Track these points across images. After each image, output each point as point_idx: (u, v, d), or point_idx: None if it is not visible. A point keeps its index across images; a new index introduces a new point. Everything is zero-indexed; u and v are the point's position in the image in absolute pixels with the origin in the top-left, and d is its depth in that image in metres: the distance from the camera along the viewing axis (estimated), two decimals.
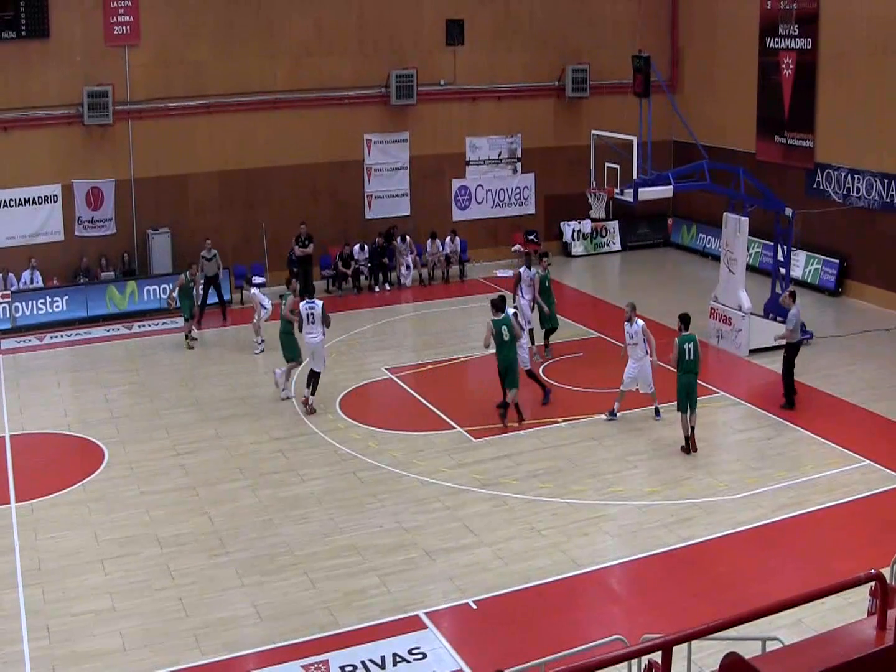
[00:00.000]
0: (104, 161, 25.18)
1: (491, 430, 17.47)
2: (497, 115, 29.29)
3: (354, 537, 13.92)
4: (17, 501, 15.14)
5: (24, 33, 23.87)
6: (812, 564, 12.89)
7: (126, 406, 19.07)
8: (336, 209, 27.68)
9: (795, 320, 18.11)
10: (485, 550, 13.49)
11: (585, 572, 12.95)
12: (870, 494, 14.89)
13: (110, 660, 11.24)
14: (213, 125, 26.13)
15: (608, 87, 29.31)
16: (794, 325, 18.09)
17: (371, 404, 19.34)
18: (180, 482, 15.76)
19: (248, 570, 13.08)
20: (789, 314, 18.21)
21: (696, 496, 14.95)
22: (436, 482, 15.55)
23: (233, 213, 26.53)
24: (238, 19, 26.04)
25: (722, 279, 21.82)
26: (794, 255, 23.94)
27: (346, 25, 27.18)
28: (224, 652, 11.39)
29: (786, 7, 26.23)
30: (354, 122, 27.57)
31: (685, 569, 13.05)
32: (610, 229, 30.51)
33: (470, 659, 11.12)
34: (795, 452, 16.46)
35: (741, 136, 28.00)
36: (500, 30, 28.92)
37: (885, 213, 24.06)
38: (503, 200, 29.84)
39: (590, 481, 15.49)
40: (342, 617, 12.01)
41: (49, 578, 12.93)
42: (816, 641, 6.14)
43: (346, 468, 16.13)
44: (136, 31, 25.04)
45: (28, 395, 19.73)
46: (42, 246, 24.73)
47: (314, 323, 18.49)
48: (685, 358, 16.27)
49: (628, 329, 17.81)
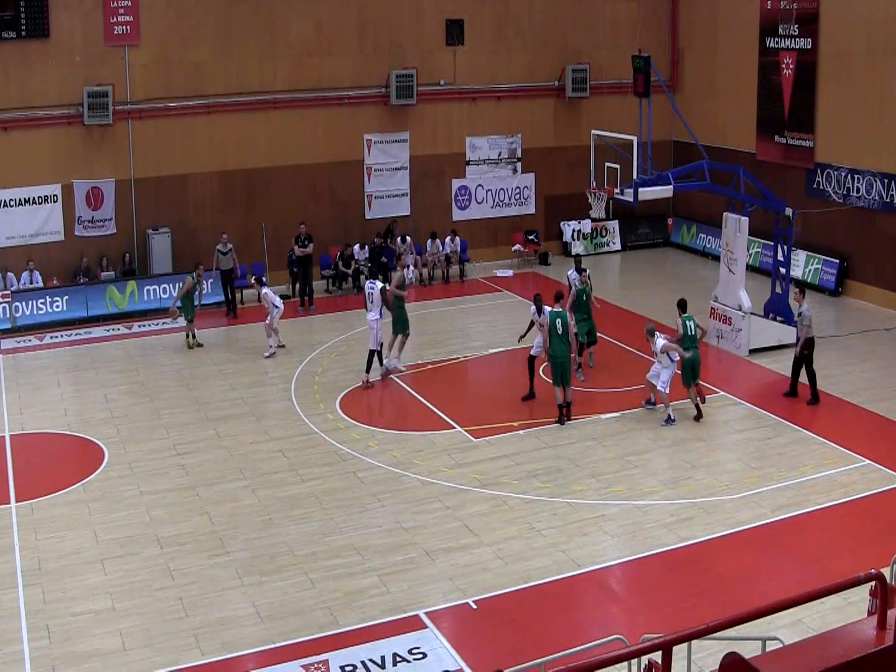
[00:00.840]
0: (104, 161, 25.18)
1: (491, 429, 17.47)
2: (497, 115, 29.30)
3: (354, 537, 13.92)
4: (17, 501, 15.14)
5: (24, 33, 23.87)
6: (812, 564, 12.89)
7: (126, 406, 19.07)
8: (336, 209, 27.68)
9: (808, 315, 18.33)
10: (485, 550, 13.49)
11: (585, 572, 12.95)
12: (869, 494, 14.89)
13: (110, 660, 11.23)
14: (213, 125, 26.13)
15: (608, 87, 29.32)
16: (809, 320, 18.30)
17: (371, 404, 19.34)
18: (180, 482, 15.76)
19: (247, 570, 13.08)
20: (803, 311, 18.39)
21: (695, 496, 14.95)
22: (436, 482, 15.55)
23: (233, 213, 26.53)
24: (238, 19, 26.04)
25: (722, 279, 21.82)
26: (794, 255, 23.93)
27: (346, 25, 27.19)
28: (224, 652, 11.39)
29: (786, 7, 26.23)
30: (354, 122, 27.57)
31: (685, 569, 13.04)
32: (610, 229, 30.51)
33: (470, 659, 11.12)
34: (795, 452, 16.45)
35: (741, 136, 28.01)
36: (500, 30, 28.93)
37: (885, 213, 24.06)
38: (503, 200, 29.84)
39: (590, 481, 15.49)
40: (342, 617, 12.01)
41: (49, 578, 12.93)
42: (816, 641, 6.13)
43: (346, 468, 16.13)
44: (136, 31, 25.04)
45: (28, 395, 19.73)
46: (42, 246, 24.74)
47: (373, 302, 19.45)
48: (688, 333, 17.75)
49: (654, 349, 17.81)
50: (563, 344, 17.49)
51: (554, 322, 17.49)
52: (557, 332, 17.45)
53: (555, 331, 17.47)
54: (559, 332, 17.45)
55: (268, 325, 21.57)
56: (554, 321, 17.50)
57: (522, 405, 18.48)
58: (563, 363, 17.51)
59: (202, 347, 22.22)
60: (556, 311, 17.70)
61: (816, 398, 18.34)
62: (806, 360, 18.41)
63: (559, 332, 17.45)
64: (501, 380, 20.48)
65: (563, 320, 17.54)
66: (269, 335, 21.63)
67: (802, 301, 18.63)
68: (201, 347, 22.21)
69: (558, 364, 17.54)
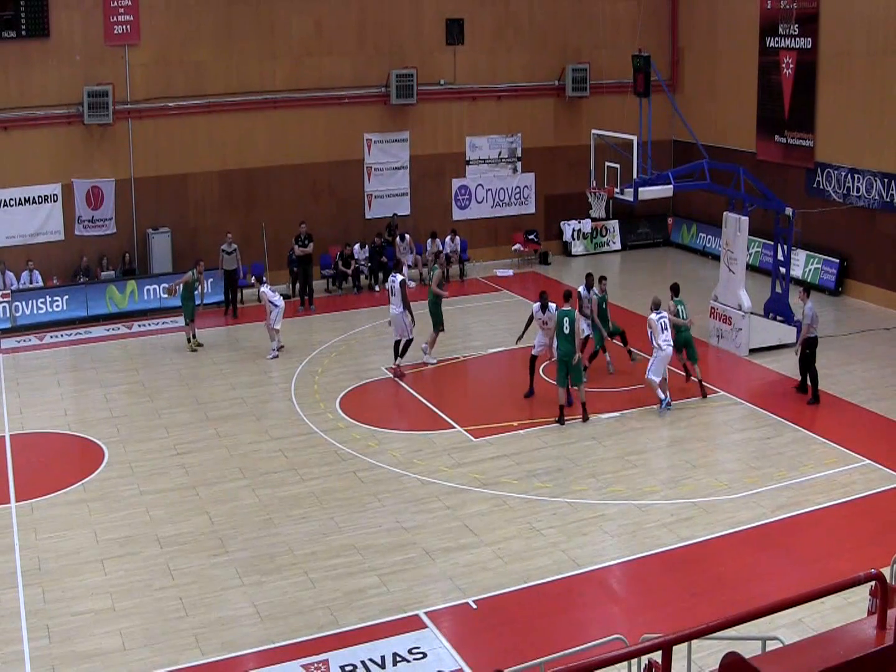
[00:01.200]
0: (104, 160, 25.19)
1: (491, 429, 17.47)
2: (497, 115, 29.29)
3: (354, 537, 13.92)
4: (17, 501, 15.14)
5: (24, 33, 23.87)
6: (812, 564, 12.89)
7: (126, 406, 19.07)
8: (336, 209, 27.68)
9: (812, 314, 18.34)
10: (485, 550, 13.49)
11: (585, 572, 12.95)
12: (869, 494, 14.89)
13: (110, 659, 11.23)
14: (213, 125, 26.13)
15: (608, 87, 29.31)
16: (812, 319, 18.33)
17: (371, 404, 19.33)
18: (180, 481, 15.76)
19: (247, 570, 13.08)
20: (805, 310, 18.42)
21: (695, 496, 14.95)
22: (436, 482, 15.55)
23: (233, 213, 26.53)
24: (238, 19, 26.04)
25: (722, 279, 21.82)
26: (794, 255, 23.92)
27: (346, 25, 27.18)
28: (224, 652, 11.39)
29: (786, 7, 26.23)
30: (354, 122, 27.57)
31: (685, 568, 13.04)
32: (610, 229, 30.51)
33: (470, 659, 11.12)
34: (795, 452, 16.45)
35: (741, 136, 28.01)
36: (500, 30, 28.92)
37: (885, 213, 24.06)
38: (503, 200, 29.84)
39: (590, 481, 15.49)
40: (342, 617, 12.01)
41: (49, 578, 12.93)
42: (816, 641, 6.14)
43: (346, 468, 16.13)
44: (136, 31, 25.04)
45: (28, 394, 19.73)
46: (42, 245, 24.73)
47: (395, 295, 19.91)
48: (681, 317, 18.49)
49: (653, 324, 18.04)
50: (569, 343, 17.45)
51: (562, 320, 17.47)
52: (564, 332, 17.42)
53: (561, 329, 17.45)
54: (566, 332, 17.41)
55: (268, 325, 21.40)
56: (562, 319, 17.48)
57: (522, 405, 18.48)
58: (568, 362, 17.49)
59: (202, 347, 22.19)
60: (564, 309, 17.64)
61: (817, 398, 18.34)
62: (808, 359, 18.42)
63: (566, 332, 17.41)
64: (501, 379, 20.49)
65: (571, 318, 17.49)
66: (272, 337, 21.46)
67: (807, 300, 18.64)
68: (201, 347, 22.19)
69: (563, 363, 17.54)
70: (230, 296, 24.59)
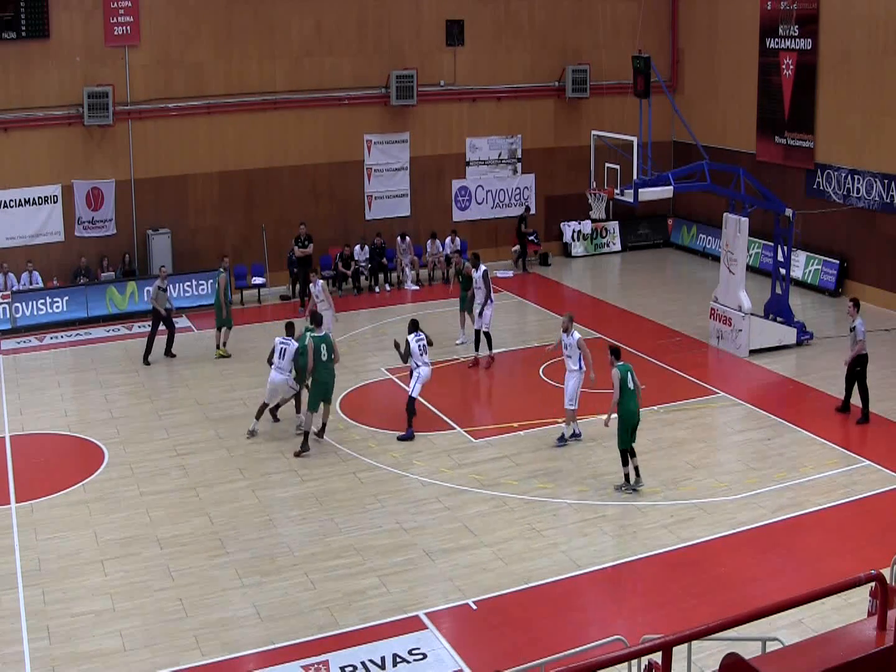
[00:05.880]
0: (104, 161, 25.19)
1: (491, 430, 17.47)
2: (497, 116, 29.29)
3: (354, 538, 13.92)
4: (17, 502, 15.14)
5: (24, 33, 23.87)
6: (812, 565, 12.89)
7: (126, 406, 19.07)
8: (336, 210, 27.67)
9: (863, 330, 17.55)
10: (485, 551, 13.49)
11: (585, 572, 12.95)
12: (870, 495, 14.89)
13: (110, 660, 11.24)
14: (213, 125, 26.13)
15: (608, 88, 29.31)
16: (863, 335, 17.56)
17: (371, 405, 19.33)
18: (180, 482, 15.76)
19: (248, 571, 13.08)
20: (857, 325, 17.59)
21: (695, 496, 14.95)
22: (435, 483, 15.55)
23: (233, 213, 26.53)
24: (238, 19, 26.05)
25: (722, 279, 21.82)
26: (794, 256, 23.93)
27: (346, 25, 27.19)
28: (224, 652, 11.39)
29: (786, 7, 26.24)
30: (354, 123, 27.57)
31: (685, 569, 13.04)
32: (610, 230, 30.50)
33: (470, 659, 11.12)
34: (795, 453, 16.45)
35: (741, 137, 28.01)
36: (500, 30, 28.92)
37: (885, 214, 24.06)
38: (503, 201, 29.83)
39: (590, 481, 15.49)
40: (342, 617, 12.01)
41: (49, 579, 12.93)
42: (816, 641, 6.13)
43: (345, 468, 16.13)
44: (136, 32, 25.04)
45: (28, 395, 19.72)
46: (42, 246, 24.73)
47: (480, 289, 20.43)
48: (627, 387, 15.00)
49: (564, 340, 16.69)
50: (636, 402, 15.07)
51: (625, 375, 15.03)
52: (629, 388, 15.04)
53: (625, 385, 14.98)
54: (630, 388, 15.04)
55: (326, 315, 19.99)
56: (625, 374, 15.04)
57: (522, 405, 18.46)
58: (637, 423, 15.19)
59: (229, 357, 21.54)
60: (625, 364, 15.24)
61: (867, 417, 17.54)
62: (858, 376, 17.67)
63: (630, 388, 15.04)
64: (502, 380, 20.48)
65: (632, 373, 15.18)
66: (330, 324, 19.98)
67: (856, 315, 17.79)
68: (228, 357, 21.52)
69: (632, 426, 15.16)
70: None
